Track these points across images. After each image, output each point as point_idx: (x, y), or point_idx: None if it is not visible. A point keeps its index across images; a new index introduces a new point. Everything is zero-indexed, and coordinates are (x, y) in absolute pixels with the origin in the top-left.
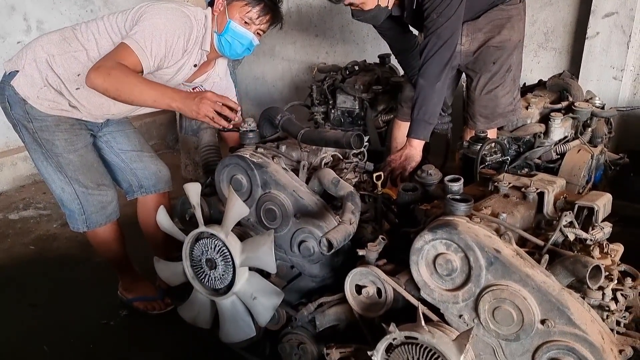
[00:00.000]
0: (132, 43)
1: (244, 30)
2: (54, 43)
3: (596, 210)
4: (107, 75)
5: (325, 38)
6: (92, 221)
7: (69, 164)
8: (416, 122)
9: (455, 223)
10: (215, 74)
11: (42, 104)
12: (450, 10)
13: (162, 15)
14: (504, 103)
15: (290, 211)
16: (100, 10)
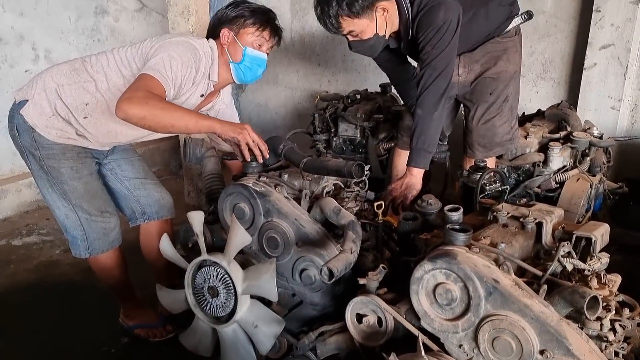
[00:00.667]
0: (155, 73)
1: (258, 53)
2: (63, 73)
3: (594, 240)
4: (145, 104)
5: (328, 67)
6: (95, 247)
7: (74, 191)
8: (415, 151)
9: (455, 253)
10: (220, 101)
11: (49, 132)
12: (444, 42)
13: (174, 47)
14: (502, 132)
15: (292, 239)
16: (107, 39)
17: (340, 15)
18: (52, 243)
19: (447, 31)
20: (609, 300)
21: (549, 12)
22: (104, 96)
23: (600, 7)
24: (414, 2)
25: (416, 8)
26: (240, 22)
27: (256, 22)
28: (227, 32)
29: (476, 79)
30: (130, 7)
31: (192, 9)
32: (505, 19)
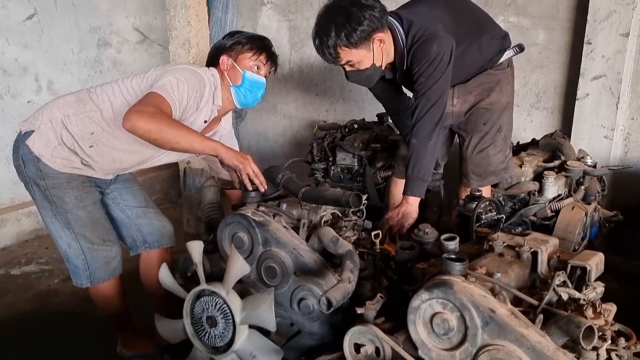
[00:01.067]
0: (163, 92)
1: (258, 77)
2: (69, 104)
3: (589, 270)
4: (153, 118)
5: (326, 97)
6: (96, 277)
7: (78, 220)
8: (411, 180)
9: (451, 282)
10: (222, 128)
11: (55, 161)
12: (437, 74)
13: (181, 72)
14: (496, 161)
15: (290, 269)
16: (109, 71)
17: (338, 45)
18: (50, 272)
19: (440, 63)
20: (605, 329)
21: (542, 44)
22: (109, 125)
23: (591, 40)
24: (409, 35)
25: (410, 40)
26: (238, 49)
27: (253, 47)
28: (226, 59)
29: (470, 109)
30: (132, 39)
31: (193, 41)
32: (497, 51)
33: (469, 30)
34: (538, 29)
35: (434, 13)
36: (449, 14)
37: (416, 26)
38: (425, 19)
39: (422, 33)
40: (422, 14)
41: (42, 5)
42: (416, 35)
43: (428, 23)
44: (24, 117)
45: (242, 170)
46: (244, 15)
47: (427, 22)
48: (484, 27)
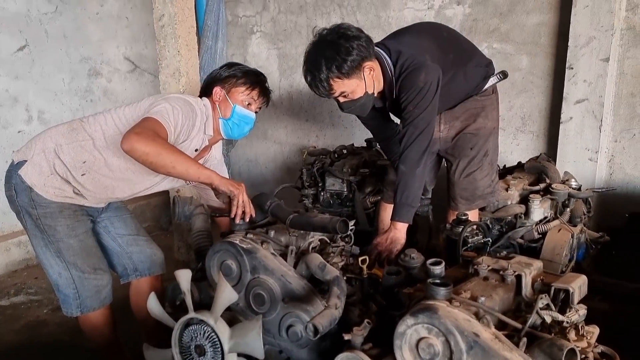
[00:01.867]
0: (159, 117)
1: (247, 112)
2: (61, 134)
3: (571, 292)
4: (152, 141)
5: (315, 122)
6: (86, 305)
7: (69, 249)
8: (399, 206)
9: (436, 307)
10: (212, 157)
11: (47, 191)
12: (425, 102)
13: (174, 101)
14: (483, 185)
15: (278, 296)
16: (100, 100)
17: (331, 78)
18: (39, 302)
19: (427, 92)
20: (587, 352)
21: (525, 69)
22: (101, 153)
23: (572, 65)
24: (397, 65)
25: (398, 70)
26: (232, 82)
27: (247, 82)
28: (219, 90)
29: (457, 134)
30: (123, 68)
31: (183, 70)
32: (482, 78)
33: (455, 59)
34: (521, 54)
35: (420, 43)
36: (435, 44)
37: (404, 56)
38: (413, 48)
39: (410, 62)
40: (409, 44)
41: (33, 36)
42: (404, 65)
43: (415, 53)
44: (14, 147)
45: (236, 197)
46: (234, 44)
47: (414, 52)
48: (469, 55)
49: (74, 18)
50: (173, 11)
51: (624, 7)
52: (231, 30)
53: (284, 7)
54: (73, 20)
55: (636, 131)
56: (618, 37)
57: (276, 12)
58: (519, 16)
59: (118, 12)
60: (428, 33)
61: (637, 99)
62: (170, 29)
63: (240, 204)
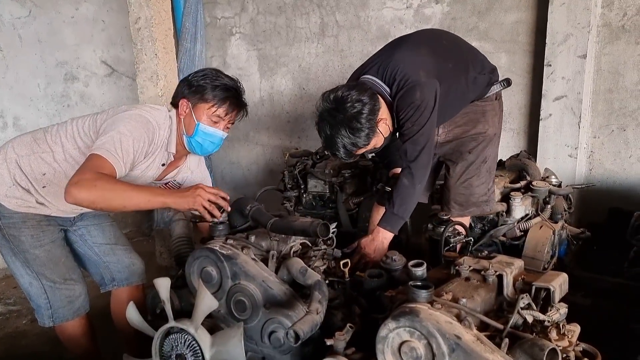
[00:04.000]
0: (104, 152)
1: (213, 130)
2: (24, 144)
3: (552, 291)
4: (93, 187)
5: (297, 123)
6: (59, 316)
7: (35, 259)
8: (394, 217)
9: (417, 310)
10: (186, 168)
11: (10, 201)
12: (423, 119)
13: (125, 123)
14: (479, 193)
15: (259, 302)
16: (77, 105)
17: (353, 152)
18: (18, 313)
19: (425, 109)
20: (569, 351)
21: (504, 67)
22: (61, 166)
23: (550, 62)
24: (393, 84)
25: (395, 89)
26: (199, 95)
27: (215, 97)
28: (185, 104)
29: (456, 139)
30: (100, 72)
31: (161, 74)
32: (485, 86)
33: (455, 68)
34: (500, 52)
35: (416, 57)
36: (434, 55)
37: (398, 75)
38: (407, 66)
39: (404, 82)
40: (404, 60)
41: (6, 41)
42: (399, 85)
43: (410, 71)
44: None
45: (199, 209)
46: (213, 46)
47: (408, 71)
48: (471, 63)
49: (48, 22)
50: (149, 14)
51: (599, 4)
52: (210, 32)
53: (262, 7)
54: (48, 24)
55: (614, 127)
56: (595, 34)
57: (255, 13)
58: (497, 14)
59: (94, 15)
60: (426, 44)
61: (615, 95)
62: (147, 32)
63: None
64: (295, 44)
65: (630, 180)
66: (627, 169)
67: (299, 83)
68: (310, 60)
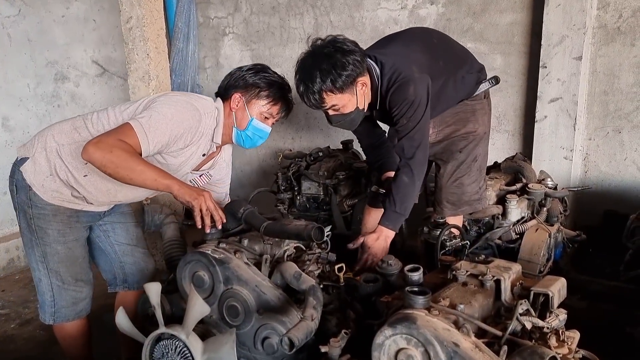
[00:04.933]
0: (137, 125)
1: (264, 126)
2: (64, 132)
3: (551, 296)
4: (109, 152)
5: (291, 124)
6: (60, 315)
7: (55, 255)
8: (394, 215)
9: (414, 317)
10: (221, 159)
11: (45, 192)
12: (418, 115)
13: (171, 106)
14: (470, 192)
15: (252, 307)
16: (68, 105)
17: (324, 91)
18: (7, 317)
19: (419, 105)
20: (569, 358)
21: (500, 69)
22: None
23: (546, 64)
24: (385, 76)
25: (386, 83)
26: (255, 92)
27: (270, 95)
28: (239, 98)
29: (446, 138)
30: (91, 72)
31: (153, 74)
32: (474, 84)
33: (445, 66)
34: (495, 54)
35: (408, 53)
36: (425, 51)
37: (391, 69)
38: (400, 60)
39: (397, 77)
40: (397, 54)
41: None
42: (391, 79)
43: (402, 66)
44: None
45: (195, 208)
46: (206, 46)
47: (401, 65)
48: (460, 61)
49: (38, 21)
50: (141, 13)
51: (595, 6)
52: (203, 32)
53: (256, 8)
54: (37, 24)
55: (609, 129)
56: (590, 36)
57: (248, 14)
58: (493, 15)
59: (85, 14)
60: (418, 40)
61: (610, 97)
62: (139, 32)
63: (203, 213)
64: (289, 44)
65: (625, 183)
66: (622, 172)
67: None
68: None
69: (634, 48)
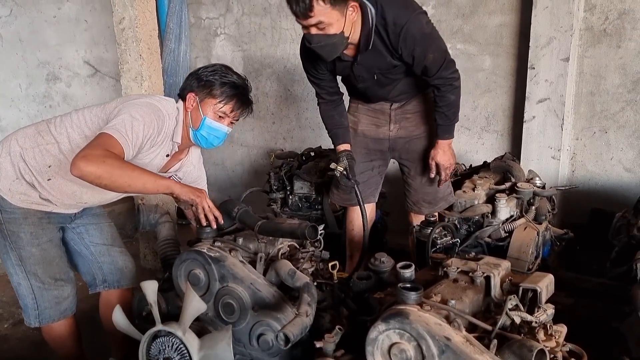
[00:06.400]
0: (114, 132)
1: (218, 125)
2: (28, 136)
3: (539, 292)
4: (102, 163)
5: (282, 125)
6: (45, 316)
7: (30, 257)
8: (452, 127)
9: (407, 312)
10: (188, 162)
11: (13, 196)
12: (441, 43)
13: (137, 108)
14: (443, 188)
15: (248, 304)
16: (60, 105)
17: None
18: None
19: (437, 35)
20: (556, 351)
21: (488, 70)
22: (67, 157)
23: (534, 65)
24: (386, 17)
25: (392, 26)
26: (207, 91)
27: (223, 93)
28: (193, 97)
29: (407, 137)
30: (83, 72)
31: (145, 74)
32: None
33: None
34: (484, 55)
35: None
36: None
37: (393, 8)
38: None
39: (403, 15)
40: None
41: None
42: (396, 19)
43: (402, 3)
44: None
45: (199, 205)
46: (198, 46)
47: (401, 4)
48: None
49: (30, 22)
50: (134, 14)
51: (582, 8)
52: (194, 33)
53: (247, 9)
54: (29, 24)
55: (596, 129)
56: (577, 37)
57: (240, 14)
58: (482, 17)
59: (76, 15)
60: None
61: (597, 98)
62: (131, 32)
63: (205, 211)
64: (280, 45)
65: (612, 182)
66: (608, 171)
67: (284, 84)
68: (295, 61)
69: (620, 50)
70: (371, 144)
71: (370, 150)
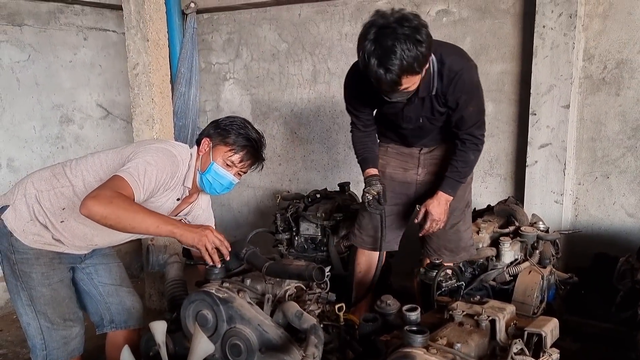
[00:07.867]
0: (127, 175)
1: (224, 172)
2: (43, 179)
3: (544, 336)
4: (109, 204)
5: (289, 166)
6: (53, 357)
7: (41, 297)
8: (458, 184)
9: (413, 355)
10: (198, 206)
11: (26, 237)
12: (483, 97)
13: (152, 154)
14: (466, 237)
15: (255, 346)
16: (72, 147)
17: (404, 75)
18: (4, 357)
19: (481, 91)
20: None
21: (491, 115)
22: (80, 200)
23: (535, 111)
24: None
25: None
26: (221, 138)
27: (235, 143)
28: (207, 142)
29: (434, 181)
30: (95, 114)
31: (157, 118)
32: None
33: None
34: (487, 101)
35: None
36: None
37: (452, 56)
38: (455, 49)
39: (459, 63)
40: (448, 45)
41: (4, 85)
42: (453, 66)
43: (459, 53)
44: None
45: (201, 249)
46: (207, 90)
47: (458, 53)
48: None
49: (46, 66)
50: (147, 60)
51: (580, 58)
52: (204, 77)
53: (256, 55)
54: (45, 69)
55: (598, 174)
56: (577, 85)
57: (249, 60)
58: (483, 65)
59: (91, 60)
60: None
61: (597, 144)
62: (145, 77)
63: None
64: (287, 89)
65: (615, 227)
66: (611, 215)
67: (291, 127)
68: (302, 105)
69: (619, 97)
70: (398, 188)
71: (397, 193)
